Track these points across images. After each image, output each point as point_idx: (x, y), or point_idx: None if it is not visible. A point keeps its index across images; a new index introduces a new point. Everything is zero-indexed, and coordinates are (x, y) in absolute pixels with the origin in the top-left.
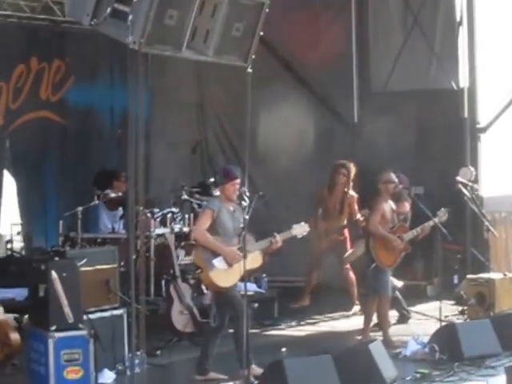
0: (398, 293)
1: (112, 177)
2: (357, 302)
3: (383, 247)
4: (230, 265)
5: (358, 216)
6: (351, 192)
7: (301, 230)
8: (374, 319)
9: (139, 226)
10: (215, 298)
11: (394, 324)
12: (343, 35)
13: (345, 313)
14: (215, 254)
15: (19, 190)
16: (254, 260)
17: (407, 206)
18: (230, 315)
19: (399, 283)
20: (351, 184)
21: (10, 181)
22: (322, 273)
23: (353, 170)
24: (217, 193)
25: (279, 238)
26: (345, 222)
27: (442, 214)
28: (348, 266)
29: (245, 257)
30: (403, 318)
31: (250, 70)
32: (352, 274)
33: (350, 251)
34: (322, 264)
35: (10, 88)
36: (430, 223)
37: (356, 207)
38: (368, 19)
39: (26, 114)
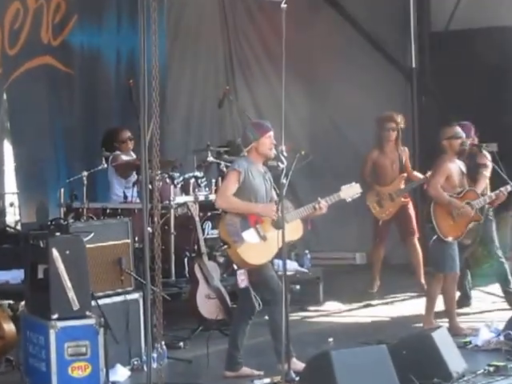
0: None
1: (113, 136)
2: (423, 282)
3: (447, 215)
4: (263, 238)
5: (415, 173)
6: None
7: (351, 191)
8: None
9: (156, 194)
10: None
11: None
12: None
13: (405, 295)
14: (244, 226)
15: (17, 155)
16: (294, 230)
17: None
18: (264, 299)
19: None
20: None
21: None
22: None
23: (402, 121)
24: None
25: (324, 203)
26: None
27: None
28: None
29: (283, 227)
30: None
31: (284, 5)
32: (418, 248)
33: None
34: (387, 236)
35: (6, 30)
36: (508, 188)
37: (408, 163)
38: None
39: (27, 61)
